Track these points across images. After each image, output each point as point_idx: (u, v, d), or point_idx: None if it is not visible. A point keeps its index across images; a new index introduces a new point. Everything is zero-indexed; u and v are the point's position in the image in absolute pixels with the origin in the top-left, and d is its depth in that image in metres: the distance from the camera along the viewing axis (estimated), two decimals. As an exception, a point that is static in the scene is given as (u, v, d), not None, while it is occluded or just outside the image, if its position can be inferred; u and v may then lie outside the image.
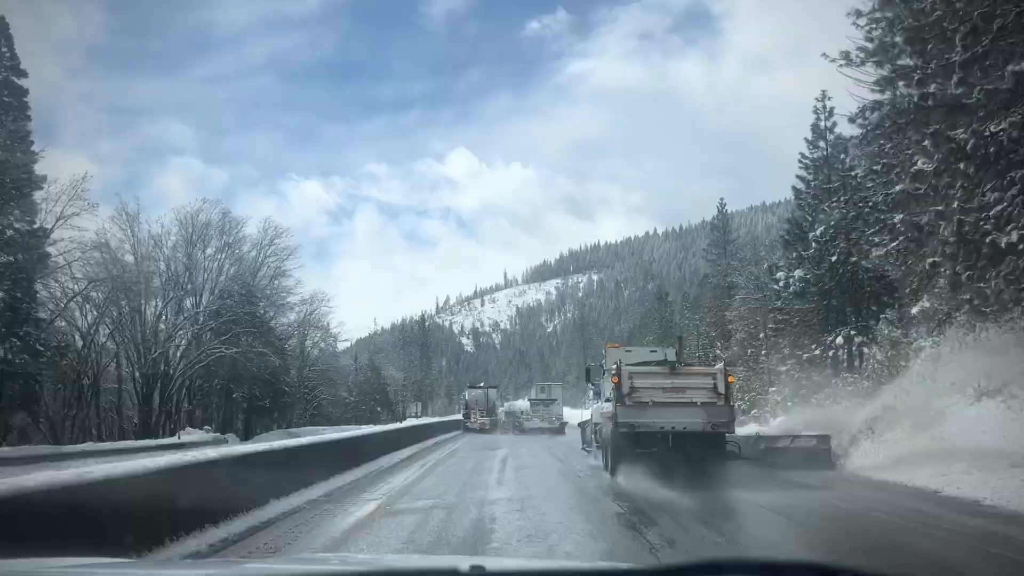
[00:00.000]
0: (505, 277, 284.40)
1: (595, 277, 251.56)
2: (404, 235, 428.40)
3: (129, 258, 39.00)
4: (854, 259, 26.76)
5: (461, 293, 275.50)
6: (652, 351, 19.87)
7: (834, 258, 26.85)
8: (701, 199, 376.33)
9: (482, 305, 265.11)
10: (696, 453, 13.95)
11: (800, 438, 17.33)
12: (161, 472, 7.41)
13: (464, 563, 1.73)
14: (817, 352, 26.98)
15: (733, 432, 14.95)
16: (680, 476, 12.78)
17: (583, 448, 22.96)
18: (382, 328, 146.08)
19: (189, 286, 42.06)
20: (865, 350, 25.54)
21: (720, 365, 15.82)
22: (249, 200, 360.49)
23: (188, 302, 41.95)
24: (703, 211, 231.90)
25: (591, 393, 22.46)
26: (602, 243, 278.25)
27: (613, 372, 14.92)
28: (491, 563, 1.84)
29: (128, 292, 36.87)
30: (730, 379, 14.89)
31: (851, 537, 8.88)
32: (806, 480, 13.73)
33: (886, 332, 23.70)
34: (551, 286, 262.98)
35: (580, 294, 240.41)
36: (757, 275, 40.81)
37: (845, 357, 26.83)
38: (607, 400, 16.05)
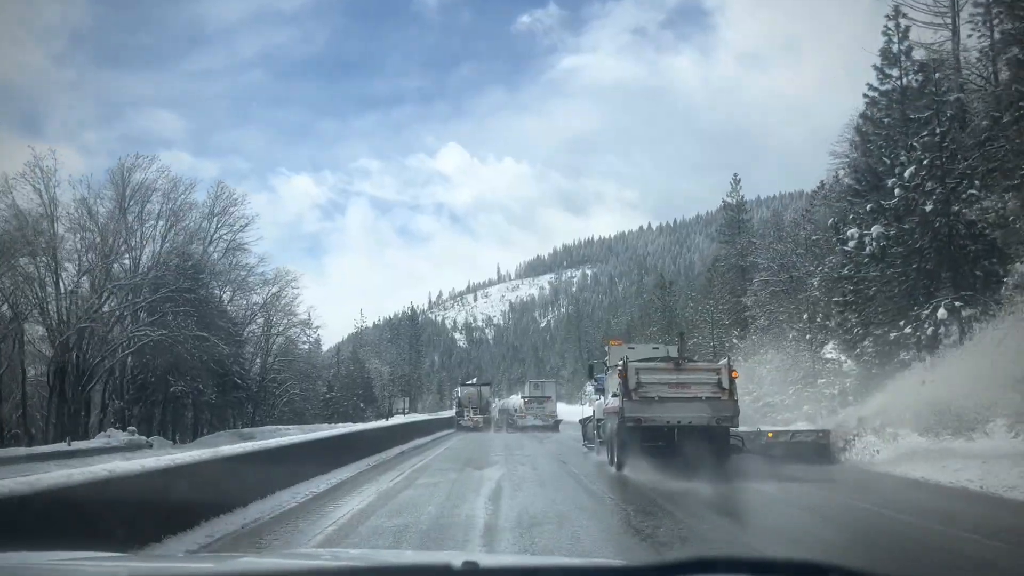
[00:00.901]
0: (498, 272, 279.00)
1: (589, 272, 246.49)
2: (396, 231, 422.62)
3: (44, 224, 32.35)
4: (956, 208, 20.37)
5: (454, 288, 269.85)
6: (654, 348, 20.29)
7: (929, 207, 20.40)
8: (695, 194, 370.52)
9: (475, 300, 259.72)
10: (701, 447, 14.04)
11: (800, 433, 18.19)
12: None
13: (457, 559, 1.74)
14: (908, 330, 20.49)
15: (737, 426, 15.16)
16: (686, 470, 12.90)
17: (584, 445, 22.30)
18: (373, 323, 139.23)
19: (127, 258, 35.36)
20: (976, 325, 19.18)
21: (724, 361, 16.20)
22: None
23: (119, 275, 35.01)
24: (697, 206, 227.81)
25: (591, 389, 22.43)
26: (596, 238, 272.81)
27: (619, 368, 15.12)
28: (484, 559, 1.84)
29: (33, 255, 29.97)
30: (733, 374, 14.97)
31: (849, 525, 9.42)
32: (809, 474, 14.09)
33: (1020, 300, 17.32)
34: (544, 281, 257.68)
35: (574, 289, 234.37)
36: (783, 252, 36.48)
37: (929, 336, 20.49)
38: (613, 395, 16.08)
